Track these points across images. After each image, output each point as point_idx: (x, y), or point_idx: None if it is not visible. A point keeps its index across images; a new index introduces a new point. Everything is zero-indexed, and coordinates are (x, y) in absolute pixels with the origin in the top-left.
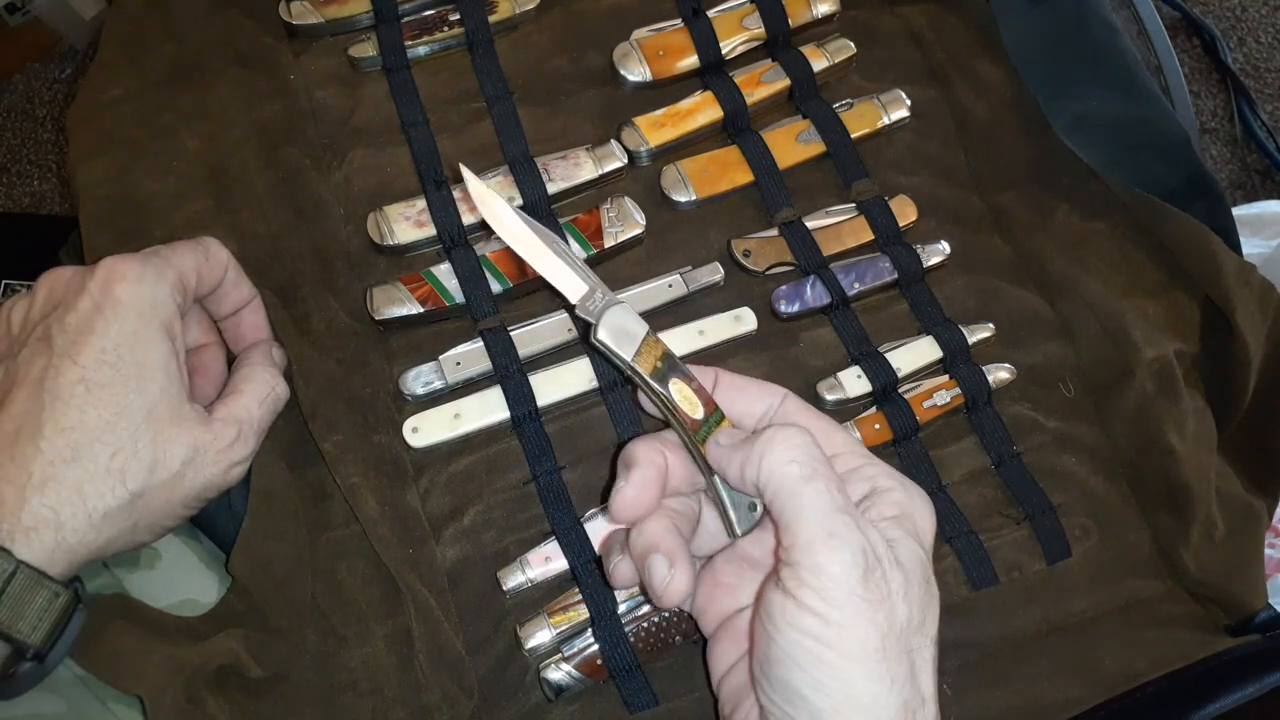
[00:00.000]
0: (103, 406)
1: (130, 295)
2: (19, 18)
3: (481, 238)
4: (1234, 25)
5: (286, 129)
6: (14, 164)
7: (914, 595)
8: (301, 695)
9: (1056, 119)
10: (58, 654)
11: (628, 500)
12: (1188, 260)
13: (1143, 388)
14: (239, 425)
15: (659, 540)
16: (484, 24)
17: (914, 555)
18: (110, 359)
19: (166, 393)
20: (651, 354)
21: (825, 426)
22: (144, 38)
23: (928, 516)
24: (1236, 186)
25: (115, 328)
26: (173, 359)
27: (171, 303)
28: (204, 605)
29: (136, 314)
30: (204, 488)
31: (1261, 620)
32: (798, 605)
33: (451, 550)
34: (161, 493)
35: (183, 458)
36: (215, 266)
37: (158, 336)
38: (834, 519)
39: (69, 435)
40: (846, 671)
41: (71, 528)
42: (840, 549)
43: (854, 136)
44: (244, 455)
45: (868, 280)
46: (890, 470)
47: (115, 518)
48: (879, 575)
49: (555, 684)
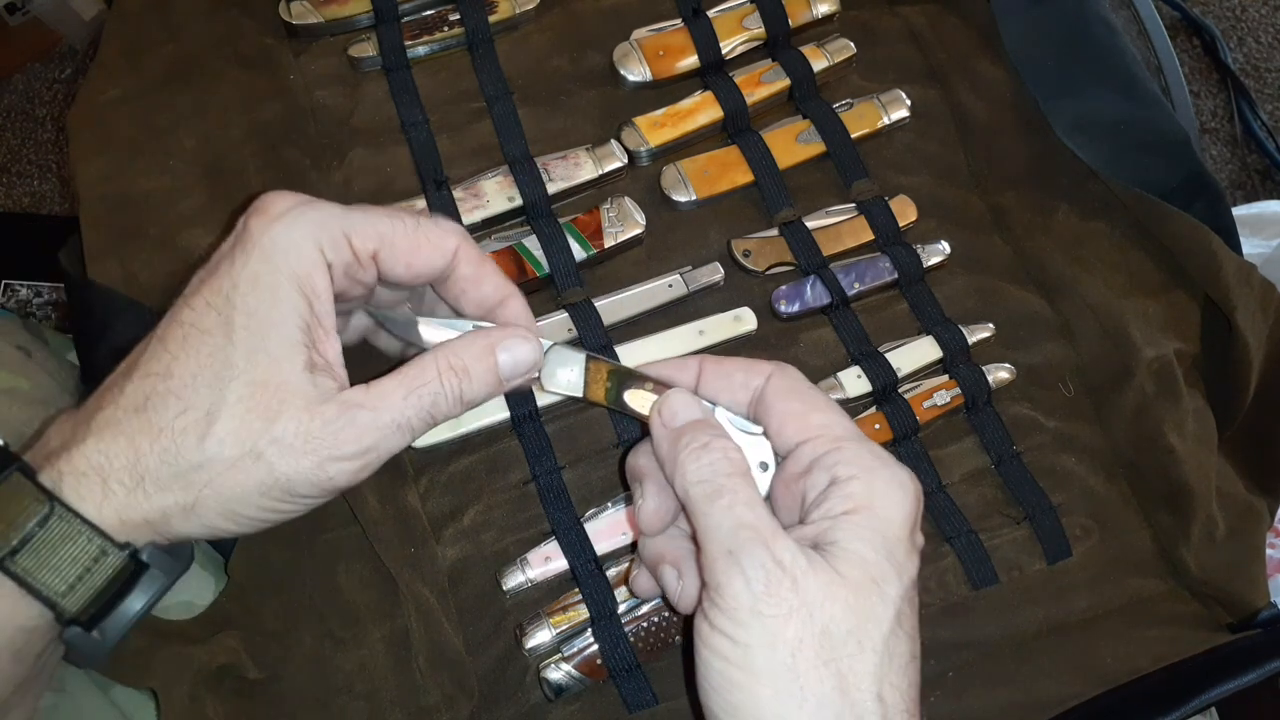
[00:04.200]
0: (194, 356)
1: (261, 232)
2: (19, 18)
3: (482, 237)
4: (1234, 25)
5: (286, 129)
6: (14, 164)
7: (843, 599)
8: (296, 698)
9: (1056, 119)
10: (114, 627)
11: (650, 512)
12: (1188, 260)
13: (1143, 388)
14: (357, 412)
15: (664, 550)
16: (484, 24)
17: (858, 555)
18: (218, 303)
19: (277, 356)
20: (598, 379)
21: (802, 408)
22: (144, 38)
23: (899, 504)
24: (1236, 186)
25: (238, 267)
26: (300, 320)
27: (316, 254)
28: (199, 607)
29: (262, 255)
30: (292, 480)
31: (1264, 618)
32: (710, 627)
33: (451, 550)
34: (231, 473)
35: (271, 436)
36: (423, 245)
37: (285, 287)
38: (734, 536)
39: (149, 382)
40: (755, 692)
41: (118, 481)
42: (737, 565)
43: (854, 136)
44: (353, 450)
45: (868, 280)
46: (864, 453)
47: (167, 486)
48: (785, 588)
49: (555, 684)
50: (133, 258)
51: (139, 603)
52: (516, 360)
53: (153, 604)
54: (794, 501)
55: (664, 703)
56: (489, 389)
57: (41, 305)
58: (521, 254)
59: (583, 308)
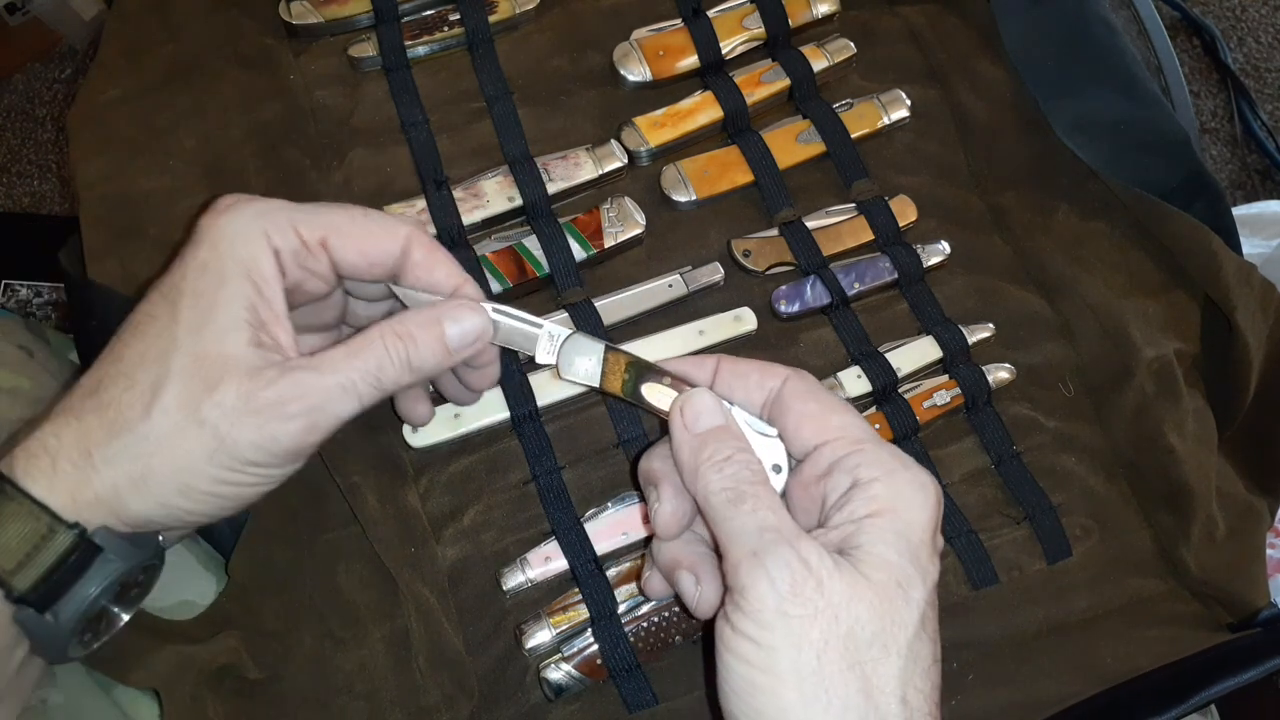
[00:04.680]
0: (143, 339)
1: (209, 225)
2: (19, 18)
3: (482, 237)
4: (1234, 25)
5: (286, 129)
6: (14, 164)
7: (869, 602)
8: (295, 698)
9: (1056, 119)
10: (67, 610)
11: (667, 515)
12: (1188, 260)
13: (1143, 388)
14: (298, 373)
15: (680, 555)
16: (484, 24)
17: (882, 559)
18: (169, 292)
19: (221, 330)
20: (616, 370)
21: (820, 410)
22: (144, 38)
23: (921, 507)
24: (1236, 186)
25: (188, 259)
26: (246, 301)
27: (261, 240)
28: (200, 607)
29: (210, 245)
30: (238, 443)
31: (1264, 618)
32: (733, 631)
33: (451, 550)
34: (176, 439)
35: (214, 401)
36: (373, 230)
37: (230, 271)
38: (759, 538)
39: (101, 368)
40: (781, 696)
41: (67, 458)
42: (762, 567)
43: (854, 136)
44: (295, 410)
45: (868, 280)
46: (884, 455)
47: (114, 459)
48: (810, 588)
49: (555, 684)
50: (133, 258)
51: (92, 585)
52: (464, 331)
53: (110, 588)
54: (813, 504)
55: (664, 703)
56: (437, 357)
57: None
58: (521, 254)
59: (583, 308)
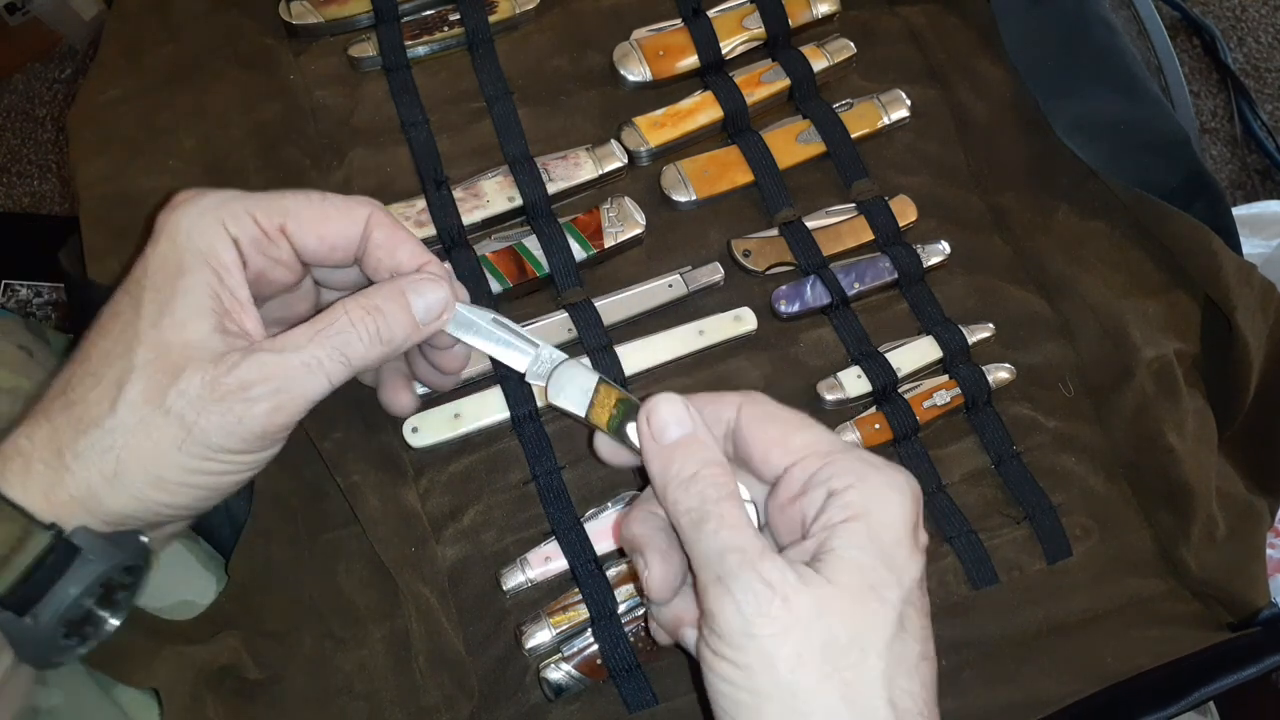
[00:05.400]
0: (107, 336)
1: (166, 219)
2: (19, 18)
3: (482, 237)
4: (1234, 25)
5: (286, 129)
6: (14, 164)
7: (840, 610)
8: (295, 698)
9: (1056, 119)
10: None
11: (658, 580)
12: (1188, 260)
13: (1143, 388)
14: (261, 354)
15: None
16: (484, 24)
17: (853, 562)
18: (132, 289)
19: (183, 319)
20: (605, 404)
21: (781, 432)
22: (144, 38)
23: (896, 505)
24: (1236, 186)
25: (149, 256)
26: (208, 289)
27: (219, 229)
28: (200, 607)
29: (169, 239)
30: (206, 430)
31: (1264, 618)
32: (713, 653)
33: (451, 550)
34: (144, 430)
35: (178, 389)
36: (331, 214)
37: (190, 261)
38: (721, 561)
39: (70, 369)
40: (763, 711)
41: (40, 459)
42: (728, 592)
43: (854, 136)
44: (260, 391)
45: (868, 280)
46: (855, 462)
47: (85, 456)
48: (776, 607)
49: (555, 684)
50: (133, 258)
51: (72, 586)
52: (429, 303)
53: (91, 589)
54: (793, 524)
55: (664, 703)
56: (406, 329)
57: (41, 305)
58: (521, 254)
59: (583, 308)
